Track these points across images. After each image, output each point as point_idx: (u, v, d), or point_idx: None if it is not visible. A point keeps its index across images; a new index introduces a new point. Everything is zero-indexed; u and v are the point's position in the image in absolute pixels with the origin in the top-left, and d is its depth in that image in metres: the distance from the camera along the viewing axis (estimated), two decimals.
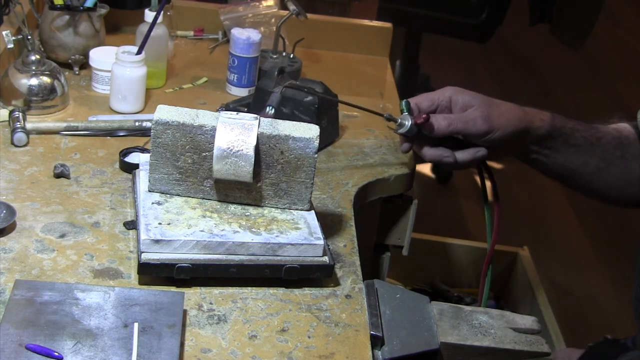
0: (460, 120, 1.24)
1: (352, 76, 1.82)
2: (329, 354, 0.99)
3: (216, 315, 1.03)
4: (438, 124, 1.24)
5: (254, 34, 1.60)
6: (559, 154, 1.30)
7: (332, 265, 1.09)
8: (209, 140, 1.11)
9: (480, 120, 1.23)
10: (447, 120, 1.24)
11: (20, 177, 1.25)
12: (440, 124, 1.24)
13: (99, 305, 0.96)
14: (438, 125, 1.24)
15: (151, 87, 1.57)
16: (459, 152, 1.28)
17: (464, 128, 1.24)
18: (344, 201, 1.31)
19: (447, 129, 1.24)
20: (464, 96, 1.27)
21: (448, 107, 1.27)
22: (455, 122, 1.24)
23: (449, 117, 1.25)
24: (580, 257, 3.06)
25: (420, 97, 1.29)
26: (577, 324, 2.69)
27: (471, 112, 1.25)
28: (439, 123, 1.24)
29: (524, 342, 1.09)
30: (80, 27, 1.60)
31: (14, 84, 1.43)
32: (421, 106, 1.27)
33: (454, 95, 1.27)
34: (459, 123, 1.24)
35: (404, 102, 1.27)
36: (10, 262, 1.07)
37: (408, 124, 1.26)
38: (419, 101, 1.28)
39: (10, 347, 0.88)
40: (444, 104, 1.27)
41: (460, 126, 1.24)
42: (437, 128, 1.24)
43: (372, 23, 1.95)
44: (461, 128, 1.24)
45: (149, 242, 1.04)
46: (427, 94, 1.29)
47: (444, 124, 1.24)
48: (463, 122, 1.24)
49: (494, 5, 3.06)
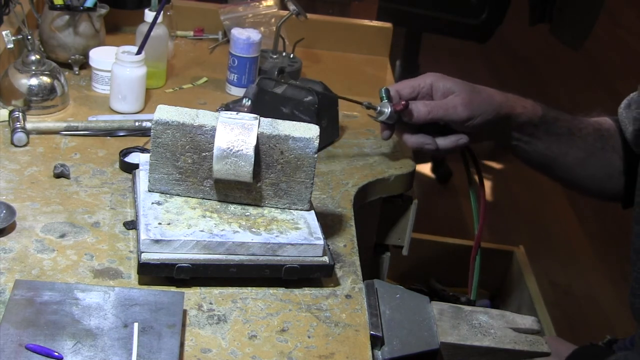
0: (441, 107, 1.24)
1: (352, 76, 1.82)
2: (329, 354, 0.99)
3: (216, 315, 1.03)
4: (418, 110, 1.24)
5: (254, 34, 1.60)
6: (540, 141, 1.30)
7: (332, 265, 1.09)
8: (209, 140, 1.11)
9: (461, 107, 1.23)
10: (427, 107, 1.24)
11: (20, 177, 1.25)
12: (420, 110, 1.24)
13: (99, 305, 0.96)
14: (418, 112, 1.24)
15: (151, 87, 1.57)
16: (440, 139, 1.28)
17: (445, 114, 1.24)
18: (344, 201, 1.31)
19: (427, 115, 1.24)
20: (445, 82, 1.26)
21: (429, 93, 1.27)
22: (435, 109, 1.24)
23: (429, 104, 1.24)
24: (580, 257, 3.06)
25: (400, 83, 1.28)
26: (577, 324, 2.68)
27: (452, 98, 1.25)
28: (418, 110, 1.24)
29: (524, 342, 1.09)
30: (80, 27, 1.60)
31: (14, 84, 1.43)
32: (402, 93, 1.27)
33: (435, 82, 1.27)
34: (439, 110, 1.24)
35: (383, 89, 1.27)
36: (10, 262, 1.07)
37: (387, 112, 1.26)
38: (399, 88, 1.27)
39: (10, 347, 0.88)
40: (424, 91, 1.27)
41: (440, 113, 1.24)
42: (417, 115, 1.24)
43: (372, 23, 1.95)
44: (442, 115, 1.24)
45: (149, 242, 1.04)
46: (407, 81, 1.29)
47: (423, 111, 1.24)
48: (443, 108, 1.24)
49: (494, 5, 3.05)
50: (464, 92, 1.25)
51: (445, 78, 1.27)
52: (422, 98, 1.27)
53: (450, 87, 1.26)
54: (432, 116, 1.24)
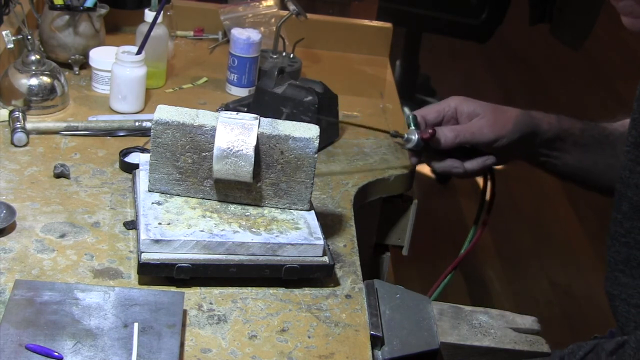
0: (467, 131, 1.25)
1: (352, 76, 1.82)
2: (329, 354, 0.99)
3: (216, 315, 1.03)
4: (445, 136, 1.25)
5: (254, 34, 1.60)
6: (569, 154, 1.30)
7: (332, 265, 1.09)
8: (209, 140, 1.11)
9: (487, 129, 1.24)
10: (453, 132, 1.25)
11: (20, 177, 1.25)
12: (447, 136, 1.25)
13: (99, 305, 0.96)
14: (445, 138, 1.25)
15: (151, 87, 1.57)
16: (468, 162, 1.29)
17: (472, 138, 1.25)
18: (344, 201, 1.31)
19: (454, 140, 1.25)
20: (469, 105, 1.27)
21: (454, 117, 1.28)
22: (462, 133, 1.25)
23: (455, 129, 1.25)
24: (580, 257, 3.06)
25: (425, 109, 1.29)
26: (577, 324, 2.69)
27: (477, 121, 1.25)
28: (445, 136, 1.25)
29: (524, 342, 1.09)
30: (80, 27, 1.60)
31: (14, 84, 1.43)
32: (427, 118, 1.28)
33: (459, 105, 1.27)
34: (465, 134, 1.25)
35: (410, 116, 1.27)
36: (10, 262, 1.07)
37: (415, 139, 1.27)
38: (424, 113, 1.28)
39: (10, 347, 0.88)
40: (449, 114, 1.28)
41: (467, 136, 1.25)
42: (445, 141, 1.25)
43: (372, 23, 1.95)
44: (469, 138, 1.25)
45: (149, 242, 1.04)
46: (432, 106, 1.29)
47: (450, 136, 1.25)
48: (470, 132, 1.25)
49: (494, 5, 3.06)
50: (488, 114, 1.25)
51: (469, 100, 1.28)
52: (448, 121, 1.28)
53: (474, 109, 1.27)
54: (459, 140, 1.25)
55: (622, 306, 1.09)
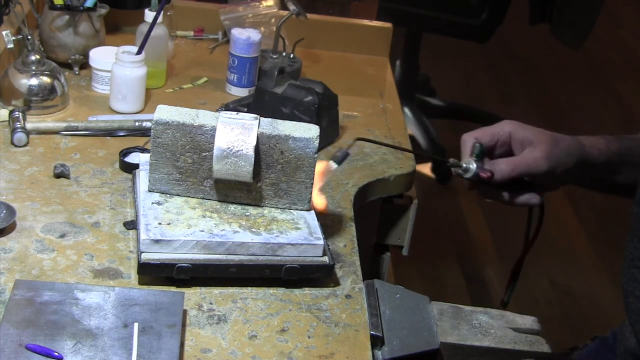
0: (523, 164, 1.23)
1: (352, 76, 1.82)
2: (329, 354, 0.99)
3: (216, 315, 1.03)
4: (501, 171, 1.23)
5: (254, 34, 1.60)
6: (621, 175, 1.29)
7: (332, 265, 1.09)
8: (209, 140, 1.11)
9: (542, 161, 1.23)
10: (509, 166, 1.23)
11: (20, 177, 1.25)
12: (503, 170, 1.23)
13: (99, 305, 0.96)
14: (501, 173, 1.23)
15: (151, 87, 1.57)
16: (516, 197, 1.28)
17: (527, 170, 1.24)
18: (344, 201, 1.31)
19: (510, 174, 1.23)
20: (524, 132, 1.26)
21: (507, 142, 1.26)
22: (518, 167, 1.23)
23: (511, 162, 1.24)
24: (580, 257, 3.06)
25: (480, 132, 1.27)
26: (577, 324, 2.68)
27: (531, 151, 1.24)
28: (501, 170, 1.23)
29: (524, 342, 1.09)
30: (80, 27, 1.60)
31: (14, 84, 1.43)
32: (482, 141, 1.26)
33: (514, 131, 1.26)
34: (522, 167, 1.23)
35: (477, 145, 1.23)
36: (10, 262, 1.07)
37: (474, 169, 1.23)
38: (479, 136, 1.26)
39: (10, 347, 0.88)
40: (503, 139, 1.26)
41: (523, 169, 1.23)
42: (501, 175, 1.23)
43: (372, 23, 1.95)
44: (525, 171, 1.24)
45: (149, 242, 1.04)
46: (486, 129, 1.27)
47: (507, 170, 1.23)
48: (526, 164, 1.23)
49: (494, 5, 3.05)
50: (543, 144, 1.24)
51: (523, 127, 1.26)
52: (501, 146, 1.27)
53: (528, 137, 1.25)
54: (516, 174, 1.23)
55: (635, 303, 1.09)
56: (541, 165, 1.23)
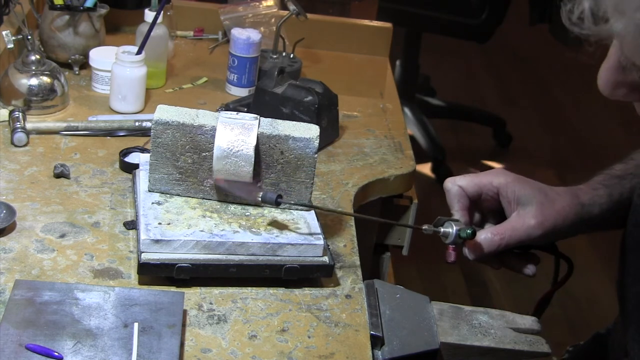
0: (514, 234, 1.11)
1: (352, 76, 1.82)
2: (329, 354, 0.99)
3: (216, 315, 1.03)
4: (489, 242, 1.11)
5: (254, 34, 1.60)
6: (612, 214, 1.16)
7: (332, 265, 1.09)
8: (209, 140, 1.11)
9: (535, 228, 1.11)
10: (498, 236, 1.11)
11: (20, 177, 1.25)
12: (491, 240, 1.11)
13: (99, 305, 0.96)
14: (489, 245, 1.11)
15: (151, 87, 1.57)
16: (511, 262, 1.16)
17: (519, 241, 1.12)
18: (344, 201, 1.31)
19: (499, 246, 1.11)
20: (516, 189, 1.12)
21: (495, 197, 1.15)
22: (507, 238, 1.11)
23: (500, 232, 1.11)
24: (580, 257, 3.06)
25: (465, 180, 1.16)
26: (577, 324, 2.68)
27: (523, 218, 1.11)
28: (489, 241, 1.11)
29: (524, 342, 1.09)
30: (80, 27, 1.60)
31: (14, 84, 1.43)
32: (467, 191, 1.15)
33: (503, 188, 1.13)
34: (512, 239, 1.11)
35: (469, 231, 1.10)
36: (10, 262, 1.07)
37: (453, 233, 1.11)
38: (464, 185, 1.15)
39: (10, 347, 0.88)
40: (490, 194, 1.15)
41: (513, 241, 1.11)
42: (488, 249, 1.11)
43: (372, 23, 1.95)
44: (515, 242, 1.12)
45: (149, 242, 1.04)
46: (473, 178, 1.15)
47: (496, 240, 1.11)
48: (517, 236, 1.11)
49: (494, 5, 3.06)
50: (536, 206, 1.11)
51: (516, 183, 1.13)
52: (485, 200, 1.15)
53: (519, 197, 1.12)
54: (505, 246, 1.11)
55: None
56: (534, 233, 1.11)
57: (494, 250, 1.12)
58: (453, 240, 1.11)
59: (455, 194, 1.15)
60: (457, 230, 1.11)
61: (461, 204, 1.15)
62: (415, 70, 3.52)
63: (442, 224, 1.13)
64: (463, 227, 1.11)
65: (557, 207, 1.12)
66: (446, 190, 1.16)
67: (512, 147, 3.71)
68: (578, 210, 1.13)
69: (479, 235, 1.12)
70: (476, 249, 1.12)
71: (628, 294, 1.08)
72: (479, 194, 1.15)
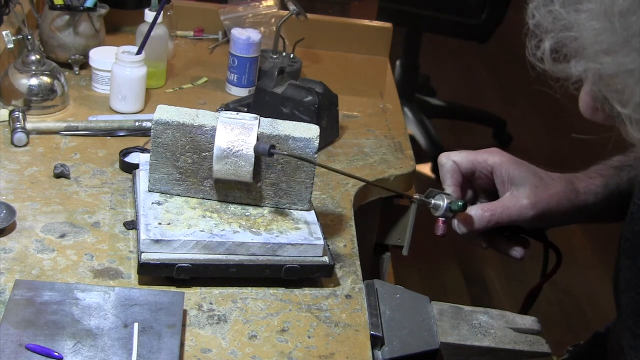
0: (504, 212, 1.10)
1: (352, 76, 1.82)
2: (329, 354, 0.99)
3: (216, 315, 1.03)
4: (479, 217, 1.10)
5: (254, 34, 1.60)
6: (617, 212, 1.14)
7: (332, 265, 1.09)
8: (209, 140, 1.11)
9: (528, 209, 1.09)
10: (489, 212, 1.10)
11: (20, 177, 1.25)
12: (482, 216, 1.10)
13: (99, 305, 0.96)
14: (479, 220, 1.10)
15: (151, 87, 1.57)
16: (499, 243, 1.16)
17: (509, 219, 1.10)
18: (344, 201, 1.31)
19: (488, 224, 1.10)
20: (509, 170, 1.11)
21: (488, 176, 1.13)
22: (497, 215, 1.10)
23: (491, 208, 1.10)
24: (580, 256, 3.06)
25: (459, 155, 1.14)
26: (577, 324, 2.68)
27: (516, 197, 1.10)
28: (479, 217, 1.10)
29: (524, 342, 1.09)
30: (80, 27, 1.60)
31: (14, 84, 1.44)
32: (461, 166, 1.13)
33: (497, 167, 1.12)
34: (502, 215, 1.10)
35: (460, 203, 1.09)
36: (10, 262, 1.07)
37: (444, 206, 1.10)
38: (458, 160, 1.13)
39: (10, 347, 0.88)
40: (484, 172, 1.14)
41: (504, 218, 1.09)
42: (478, 224, 1.10)
43: (372, 23, 1.95)
44: (506, 220, 1.10)
45: (149, 242, 1.04)
46: (468, 154, 1.14)
47: (486, 216, 1.10)
48: (507, 213, 1.10)
49: (494, 5, 3.06)
50: (529, 189, 1.10)
51: (511, 163, 1.12)
52: (478, 177, 1.14)
53: (513, 178, 1.11)
54: (495, 223, 1.10)
55: None
56: (526, 213, 1.10)
57: (484, 226, 1.10)
58: (443, 213, 1.11)
59: (449, 169, 1.14)
60: (448, 203, 1.10)
61: (454, 179, 1.14)
62: (415, 70, 3.52)
63: (433, 196, 1.12)
64: (454, 200, 1.10)
65: (552, 191, 1.11)
66: (440, 164, 1.15)
67: (512, 147, 3.70)
68: (573, 196, 1.12)
69: (469, 210, 1.11)
70: (466, 223, 1.11)
71: (622, 300, 1.08)
72: (473, 171, 1.14)
